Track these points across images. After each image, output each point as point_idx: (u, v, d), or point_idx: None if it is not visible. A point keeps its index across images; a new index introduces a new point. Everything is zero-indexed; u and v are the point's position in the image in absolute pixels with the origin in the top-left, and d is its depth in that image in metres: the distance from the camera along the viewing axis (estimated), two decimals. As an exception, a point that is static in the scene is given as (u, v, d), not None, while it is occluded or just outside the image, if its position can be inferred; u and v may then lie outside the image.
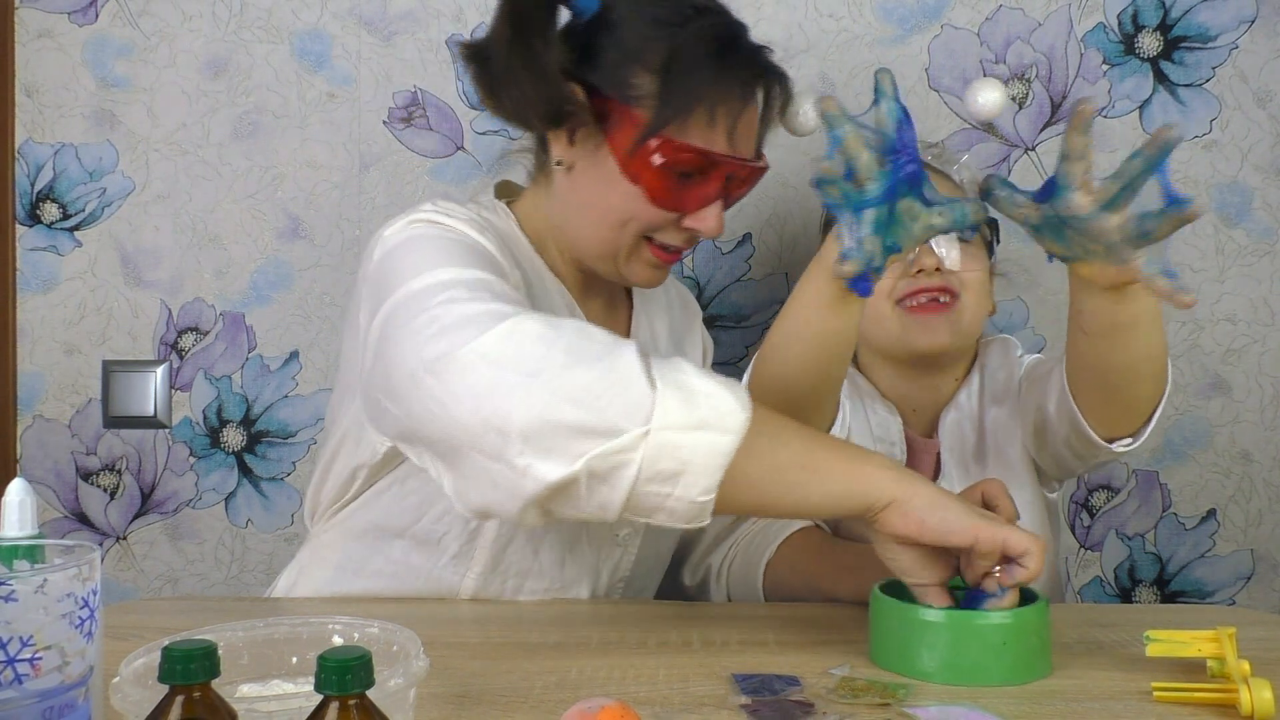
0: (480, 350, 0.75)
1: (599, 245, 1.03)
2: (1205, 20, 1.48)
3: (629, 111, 0.96)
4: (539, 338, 0.76)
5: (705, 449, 0.73)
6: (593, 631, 0.91)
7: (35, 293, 1.51)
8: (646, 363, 0.76)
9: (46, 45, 1.50)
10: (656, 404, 0.73)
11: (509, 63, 0.96)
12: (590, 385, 0.73)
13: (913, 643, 0.79)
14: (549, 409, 0.73)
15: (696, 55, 0.95)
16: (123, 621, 0.91)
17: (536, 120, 1.00)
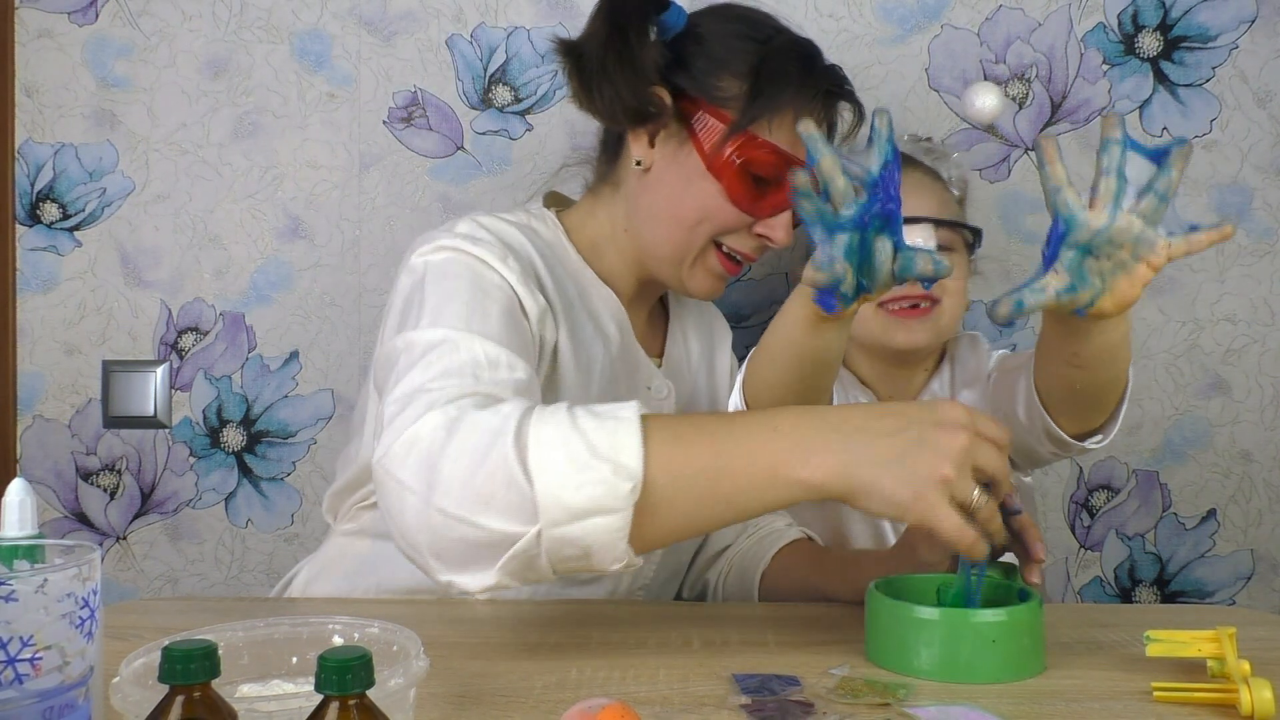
0: (390, 469, 0.77)
1: (669, 248, 1.06)
2: (1205, 20, 1.48)
3: (717, 111, 1.02)
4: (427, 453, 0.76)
5: (599, 532, 0.73)
6: (593, 631, 0.91)
7: (35, 293, 1.51)
8: (522, 452, 0.73)
9: (46, 45, 1.50)
10: (537, 503, 0.72)
11: (604, 60, 1.00)
12: (474, 498, 0.73)
13: (908, 640, 0.80)
14: (446, 529, 0.75)
15: (785, 62, 1.02)
16: (123, 621, 0.91)
17: (625, 117, 1.03)
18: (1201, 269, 1.49)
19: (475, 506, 0.74)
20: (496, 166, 1.50)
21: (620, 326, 1.09)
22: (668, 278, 1.09)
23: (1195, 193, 1.49)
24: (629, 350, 1.09)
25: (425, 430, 0.77)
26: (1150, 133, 1.49)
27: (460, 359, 0.85)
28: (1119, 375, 0.95)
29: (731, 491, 0.76)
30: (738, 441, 0.76)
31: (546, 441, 0.74)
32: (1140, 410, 1.50)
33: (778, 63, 1.02)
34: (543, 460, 0.73)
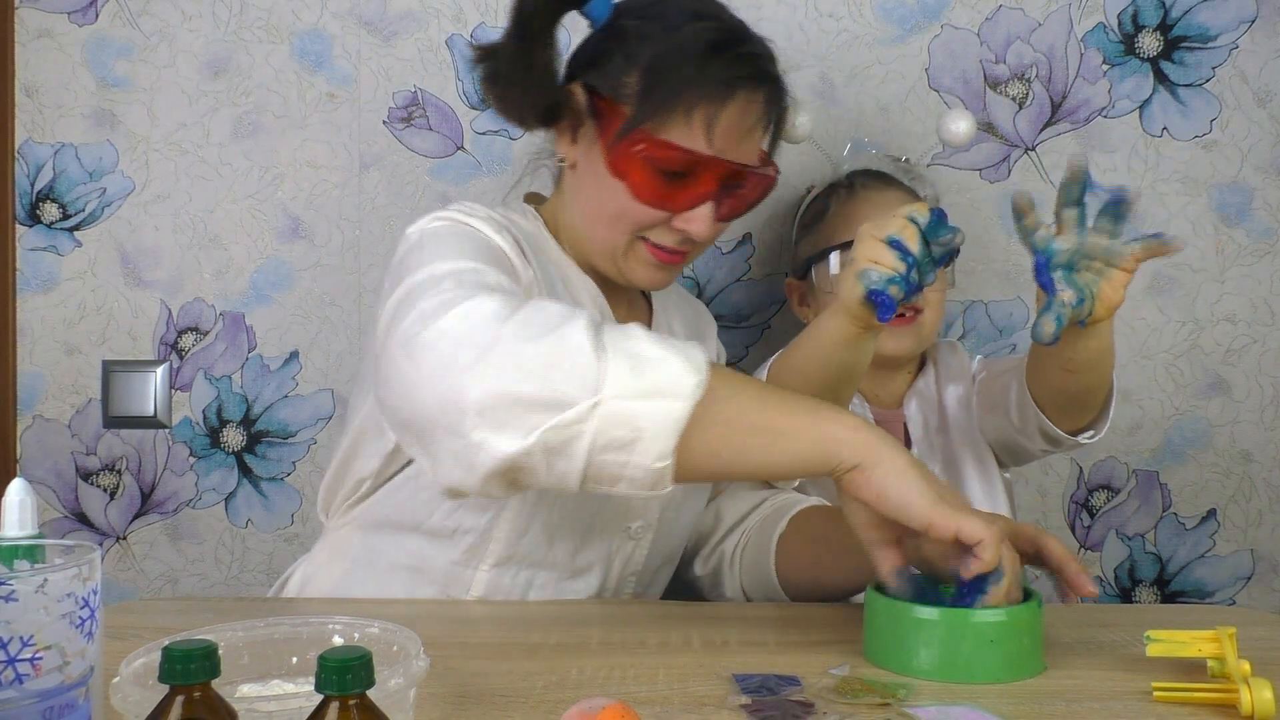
0: (441, 328, 0.77)
1: (598, 243, 1.06)
2: (1205, 20, 1.48)
3: (617, 108, 1.01)
4: (493, 315, 0.77)
5: (657, 415, 0.74)
6: (593, 631, 0.91)
7: (35, 293, 1.51)
8: (597, 332, 0.76)
9: (46, 45, 1.50)
10: (605, 373, 0.73)
11: (511, 66, 1.01)
12: (540, 358, 0.74)
13: (907, 640, 0.80)
14: (500, 384, 0.74)
15: (680, 55, 0.98)
16: (123, 621, 0.91)
17: (532, 119, 1.04)
18: (1201, 269, 1.49)
19: (544, 366, 0.73)
20: (496, 166, 1.50)
21: (603, 314, 1.09)
22: (608, 272, 1.08)
23: (1195, 192, 1.49)
24: None
25: (486, 303, 0.78)
26: (1150, 133, 1.49)
27: (486, 280, 0.85)
28: (1105, 378, 1.04)
29: (775, 428, 0.78)
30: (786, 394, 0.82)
31: (622, 330, 0.77)
32: (1140, 410, 1.50)
33: (673, 56, 0.99)
34: (616, 341, 0.75)
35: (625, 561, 1.10)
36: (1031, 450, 1.18)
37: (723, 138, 1.00)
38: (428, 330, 0.78)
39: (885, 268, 0.91)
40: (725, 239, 1.51)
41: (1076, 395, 1.06)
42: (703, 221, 1.02)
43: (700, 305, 1.33)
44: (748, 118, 1.02)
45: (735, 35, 1.03)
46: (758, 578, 1.12)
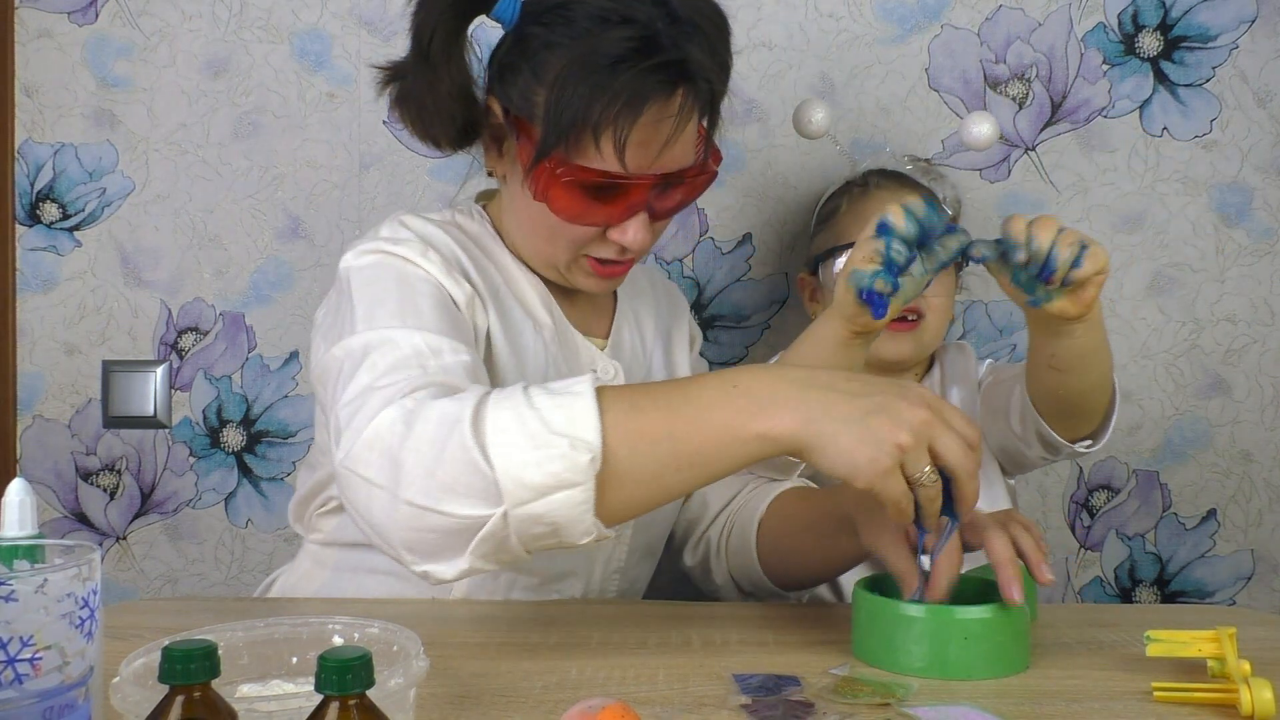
0: (354, 467, 0.78)
1: (538, 255, 1.04)
2: (1205, 20, 1.48)
3: (531, 129, 0.95)
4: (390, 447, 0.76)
5: (564, 506, 0.74)
6: (593, 631, 0.91)
7: (35, 293, 1.51)
8: (480, 437, 0.74)
9: (46, 45, 1.50)
10: (499, 484, 0.73)
11: (415, 86, 0.97)
12: (438, 485, 0.74)
13: (895, 637, 0.80)
14: (414, 520, 0.75)
15: (582, 73, 0.90)
16: (123, 621, 0.91)
17: (444, 141, 1.00)
18: (1201, 269, 1.49)
19: (440, 495, 0.74)
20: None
21: (551, 311, 1.07)
22: (553, 279, 1.06)
23: (1195, 193, 1.49)
24: (564, 334, 1.08)
25: (384, 425, 0.77)
26: (1150, 133, 1.49)
27: (402, 353, 0.85)
28: (1101, 382, 1.02)
29: (693, 453, 0.75)
30: (695, 403, 0.76)
31: (503, 424, 0.74)
32: (1140, 410, 1.50)
33: (572, 74, 0.90)
34: (501, 442, 0.73)
35: (606, 561, 1.09)
36: (1031, 458, 1.17)
37: (638, 155, 0.93)
38: (347, 457, 0.79)
39: (871, 262, 0.89)
40: (725, 239, 1.51)
41: (1069, 398, 1.04)
42: (637, 232, 0.97)
43: (671, 285, 1.30)
44: (662, 129, 0.92)
45: (643, 43, 0.91)
46: (743, 565, 1.12)
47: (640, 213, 0.97)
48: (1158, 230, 1.49)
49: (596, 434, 0.73)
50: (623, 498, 0.75)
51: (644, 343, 1.18)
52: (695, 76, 0.92)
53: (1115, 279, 1.49)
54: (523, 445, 0.73)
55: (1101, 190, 1.49)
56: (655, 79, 0.91)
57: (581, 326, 1.10)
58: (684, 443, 0.75)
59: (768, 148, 1.49)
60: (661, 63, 0.91)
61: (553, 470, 0.72)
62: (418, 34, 0.95)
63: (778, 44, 1.49)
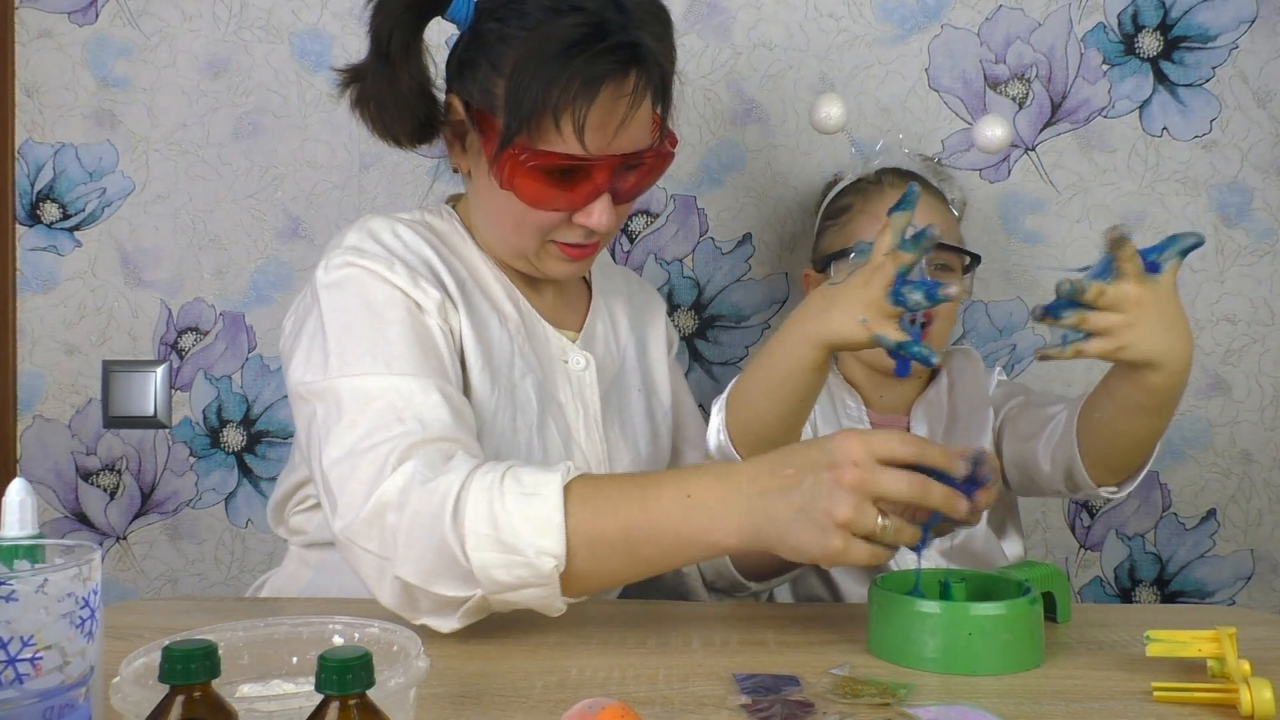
0: (354, 536, 0.86)
1: (507, 246, 1.07)
2: (1205, 20, 1.48)
3: (492, 121, 0.98)
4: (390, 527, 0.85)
5: (534, 599, 0.84)
6: (593, 631, 0.91)
7: (35, 293, 1.51)
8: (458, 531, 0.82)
9: (46, 45, 1.50)
10: (475, 575, 0.82)
11: (376, 88, 1.01)
12: (427, 570, 0.83)
13: (909, 633, 0.82)
14: (406, 593, 0.85)
15: (538, 60, 0.94)
16: (123, 621, 0.91)
17: (405, 138, 1.05)
18: (1201, 269, 1.49)
19: (428, 578, 0.83)
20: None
21: (517, 305, 1.09)
22: (524, 269, 1.09)
23: (1195, 193, 1.49)
24: (532, 327, 1.10)
25: (384, 501, 0.85)
26: (1150, 133, 1.49)
27: (378, 408, 0.91)
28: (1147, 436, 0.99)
29: (651, 554, 0.84)
30: (651, 512, 0.83)
31: (478, 526, 0.82)
32: (1140, 410, 1.50)
33: (529, 61, 0.94)
34: (477, 543, 0.82)
35: None
36: (1043, 487, 1.13)
37: (597, 136, 0.96)
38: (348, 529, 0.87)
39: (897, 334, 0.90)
40: (725, 239, 1.51)
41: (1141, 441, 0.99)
42: (602, 214, 1.00)
43: (648, 288, 1.31)
44: (618, 110, 0.96)
45: (593, 28, 0.95)
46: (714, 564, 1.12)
47: (603, 195, 1.00)
48: (1158, 230, 1.49)
49: (560, 543, 0.82)
50: (586, 587, 0.85)
51: (617, 338, 1.20)
52: (646, 59, 0.96)
53: (1115, 279, 1.49)
54: (494, 549, 0.82)
55: (1101, 190, 1.49)
56: (609, 61, 0.94)
57: (553, 319, 1.12)
58: (641, 546, 0.84)
59: (768, 148, 1.49)
60: (614, 44, 0.95)
61: (519, 575, 0.82)
62: (376, 35, 1.00)
63: (778, 44, 1.49)
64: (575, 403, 1.10)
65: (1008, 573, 0.91)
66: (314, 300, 1.00)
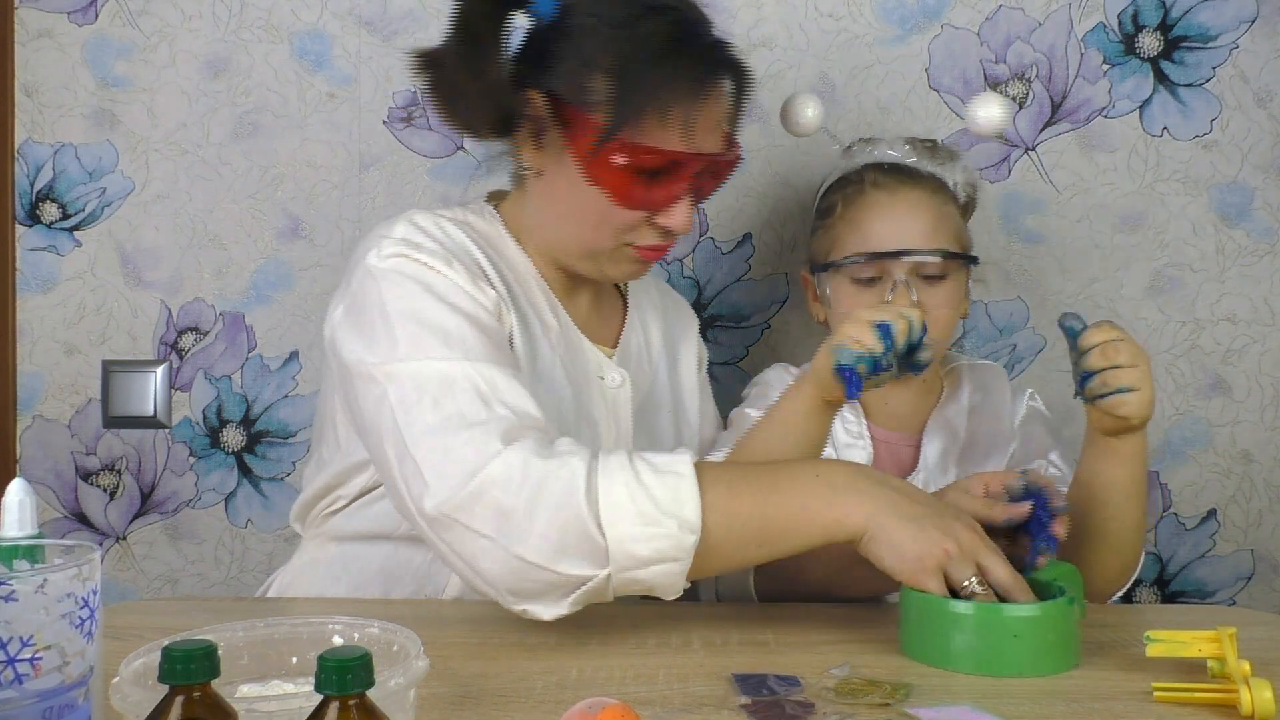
0: (456, 513, 0.84)
1: (579, 246, 1.05)
2: (1205, 20, 1.48)
3: (587, 117, 0.97)
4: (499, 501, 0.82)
5: (662, 576, 0.83)
6: (593, 631, 0.91)
7: (35, 293, 1.51)
8: (594, 506, 0.81)
9: (46, 45, 1.50)
10: (609, 551, 0.81)
11: (459, 74, 0.98)
12: (549, 547, 0.81)
13: (943, 633, 0.82)
14: (521, 572, 0.82)
15: (646, 56, 0.96)
16: (123, 621, 0.91)
17: (486, 130, 1.01)
18: (1201, 269, 1.49)
19: (553, 555, 0.81)
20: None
21: (557, 315, 1.08)
22: (586, 271, 1.07)
23: (1195, 193, 1.49)
24: (570, 339, 1.08)
25: (493, 479, 0.83)
26: (1150, 133, 1.49)
27: (464, 389, 0.88)
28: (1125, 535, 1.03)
29: (776, 533, 0.85)
30: (783, 488, 0.86)
31: (616, 499, 0.82)
32: (1140, 410, 1.50)
33: (638, 57, 0.95)
34: (614, 516, 0.81)
35: None
36: None
37: (697, 135, 0.99)
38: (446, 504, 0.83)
39: (862, 346, 0.95)
40: (725, 239, 1.51)
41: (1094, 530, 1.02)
42: (683, 215, 1.01)
43: (681, 300, 1.30)
44: (719, 109, 1.01)
45: (693, 27, 1.00)
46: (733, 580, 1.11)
47: (688, 196, 1.01)
48: (1158, 230, 1.49)
49: (699, 516, 0.82)
50: (709, 567, 0.85)
51: (650, 353, 1.19)
52: (740, 65, 1.02)
53: (1115, 279, 1.50)
54: (634, 522, 0.81)
55: (1101, 190, 1.49)
56: (713, 63, 1.00)
57: (589, 333, 1.11)
58: (770, 521, 0.85)
59: (768, 148, 1.49)
60: (715, 43, 1.00)
61: (659, 547, 0.82)
62: (465, 18, 0.97)
63: (778, 44, 1.49)
64: (609, 420, 1.08)
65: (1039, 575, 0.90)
66: (370, 283, 0.96)
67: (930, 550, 0.83)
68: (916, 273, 1.12)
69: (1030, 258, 1.49)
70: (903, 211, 1.13)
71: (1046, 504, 0.92)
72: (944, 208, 1.15)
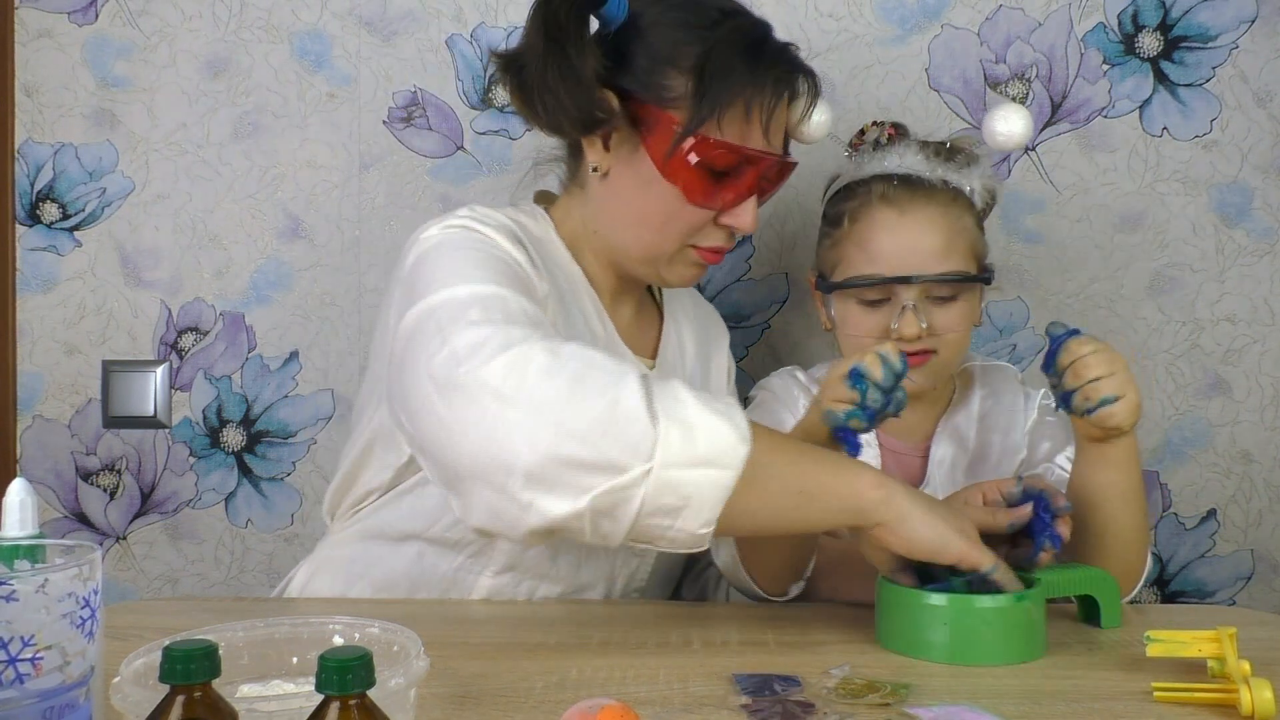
0: (485, 380, 0.77)
1: (642, 249, 1.05)
2: (1205, 20, 1.48)
3: (664, 114, 0.99)
4: (544, 369, 0.77)
5: (706, 484, 0.76)
6: (593, 631, 0.91)
7: (35, 293, 1.51)
8: (648, 394, 0.77)
9: (46, 45, 1.50)
10: (659, 441, 0.75)
11: (544, 72, 0.97)
12: (593, 421, 0.75)
13: (918, 624, 0.85)
14: (554, 446, 0.74)
15: (729, 54, 0.98)
16: (123, 621, 0.91)
17: (571, 128, 1.01)
18: (1201, 269, 1.49)
19: (597, 430, 0.74)
20: (496, 166, 1.50)
21: (604, 324, 1.08)
22: (646, 275, 1.08)
23: (1195, 193, 1.49)
24: (615, 349, 1.08)
25: (535, 352, 0.77)
26: (1150, 133, 1.48)
27: (511, 309, 0.85)
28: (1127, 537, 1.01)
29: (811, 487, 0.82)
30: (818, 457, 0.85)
31: (675, 393, 0.78)
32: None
33: (722, 56, 0.98)
34: (669, 406, 0.76)
35: (630, 576, 1.10)
36: None
37: (774, 134, 1.03)
38: (466, 375, 0.77)
39: (842, 404, 0.93)
40: (725, 239, 1.51)
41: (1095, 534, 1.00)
42: (749, 214, 1.04)
43: (714, 312, 1.30)
44: (795, 110, 1.06)
45: (765, 31, 1.04)
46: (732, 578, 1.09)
47: (753, 196, 1.04)
48: (1158, 230, 1.49)
49: (750, 436, 0.78)
50: (744, 508, 0.79)
51: (685, 363, 1.19)
52: (810, 70, 1.07)
53: (1115, 279, 1.49)
54: (692, 411, 0.76)
55: (1101, 190, 1.49)
56: (788, 64, 1.04)
57: (629, 341, 1.11)
58: (807, 473, 0.83)
59: (768, 148, 1.49)
60: (786, 45, 1.05)
61: (716, 444, 0.76)
62: (552, 17, 0.96)
63: (778, 44, 1.49)
64: None
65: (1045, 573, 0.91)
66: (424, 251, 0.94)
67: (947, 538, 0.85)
68: (926, 295, 1.08)
69: (1030, 258, 1.49)
70: (913, 231, 1.08)
71: (1048, 505, 0.93)
72: (958, 222, 1.10)
